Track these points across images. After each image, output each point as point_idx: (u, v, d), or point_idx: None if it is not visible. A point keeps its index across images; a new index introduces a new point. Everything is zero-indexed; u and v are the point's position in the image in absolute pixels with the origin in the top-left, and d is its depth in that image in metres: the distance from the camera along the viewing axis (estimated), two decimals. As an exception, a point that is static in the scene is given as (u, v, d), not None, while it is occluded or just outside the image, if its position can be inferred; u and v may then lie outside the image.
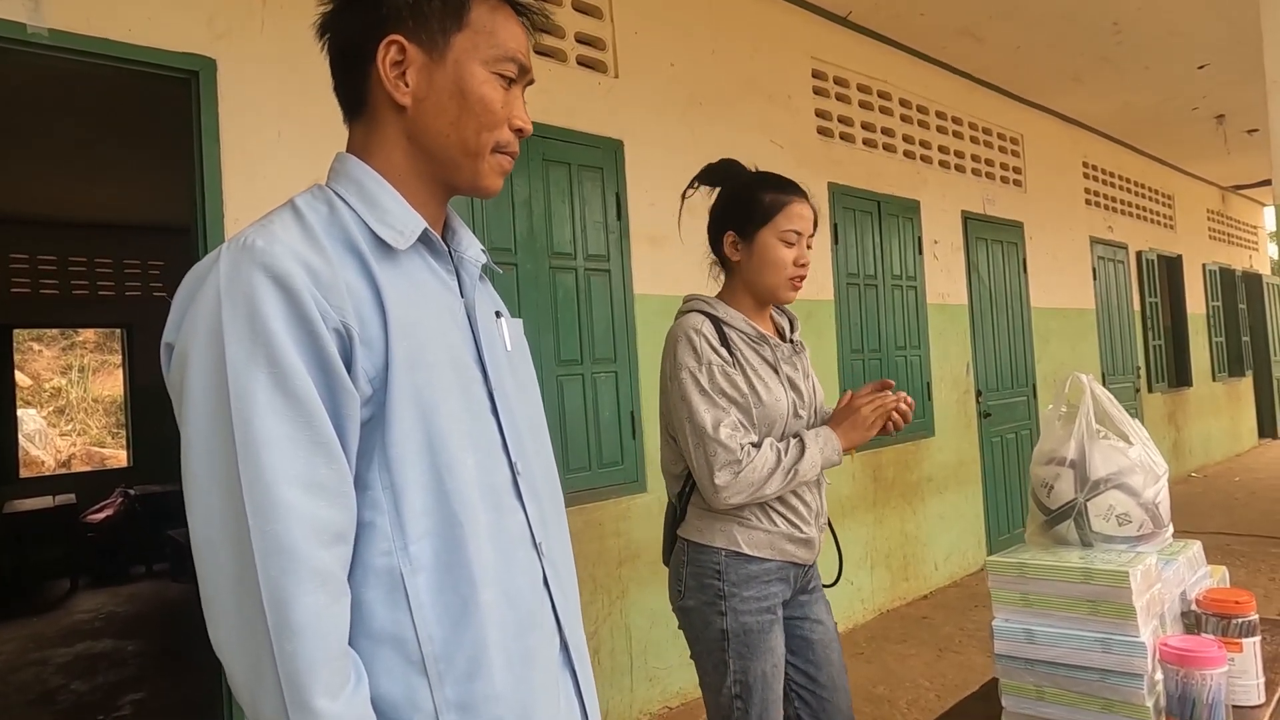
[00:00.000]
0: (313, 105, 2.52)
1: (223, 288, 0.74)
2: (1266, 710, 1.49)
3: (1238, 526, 5.99)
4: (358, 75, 0.89)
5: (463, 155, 0.90)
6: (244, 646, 0.71)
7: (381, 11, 0.86)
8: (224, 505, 0.72)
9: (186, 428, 0.75)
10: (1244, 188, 10.34)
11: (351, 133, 0.94)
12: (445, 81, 0.88)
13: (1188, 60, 5.63)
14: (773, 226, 1.69)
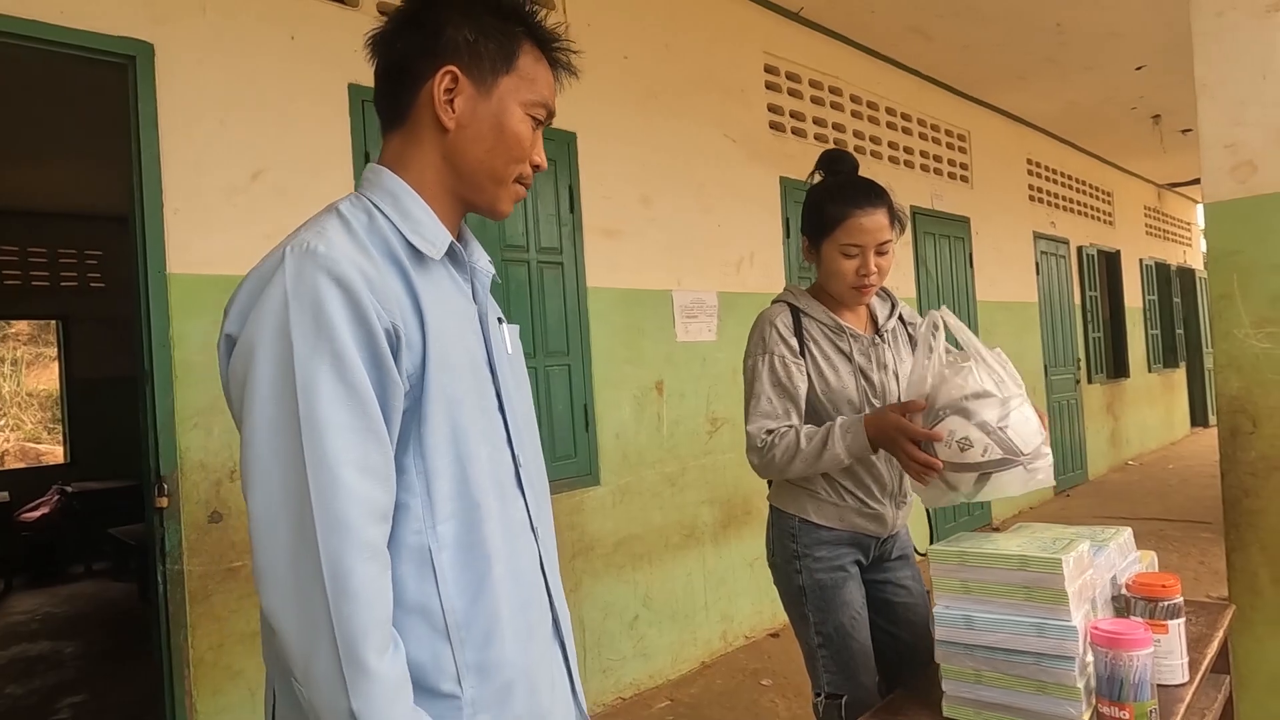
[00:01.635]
0: (258, 93, 2.46)
1: (290, 288, 0.82)
2: (1190, 689, 1.56)
3: (1171, 512, 6.23)
4: (407, 92, 0.98)
5: (490, 181, 1.01)
6: (301, 611, 0.78)
7: (442, 42, 0.96)
8: (286, 483, 0.80)
9: (252, 413, 0.81)
10: (1178, 185, 10.71)
11: (388, 141, 1.02)
12: (487, 114, 0.98)
13: (1127, 61, 5.81)
14: (833, 240, 1.75)
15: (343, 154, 2.64)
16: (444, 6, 0.98)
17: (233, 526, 2.34)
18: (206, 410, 2.31)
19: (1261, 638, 2.30)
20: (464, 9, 0.98)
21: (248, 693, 2.33)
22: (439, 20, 0.97)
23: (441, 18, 0.97)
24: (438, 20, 0.97)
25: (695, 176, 3.88)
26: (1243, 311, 2.34)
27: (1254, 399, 2.32)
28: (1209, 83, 2.38)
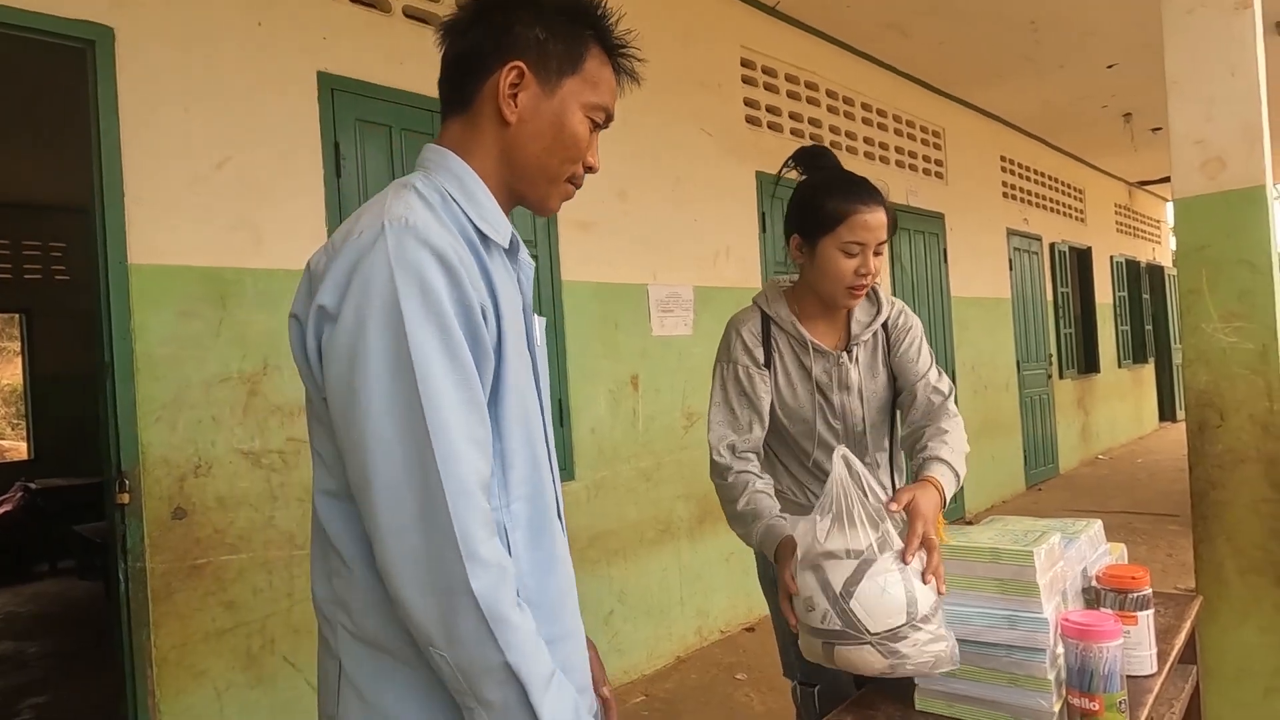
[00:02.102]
0: (223, 80, 2.41)
1: (394, 261, 0.82)
2: (1158, 679, 1.57)
3: (1139, 505, 6.33)
4: (473, 81, 0.99)
5: (543, 178, 1.02)
6: (437, 578, 0.80)
7: (513, 37, 0.98)
8: (409, 454, 0.80)
9: (366, 385, 0.81)
10: (1148, 183, 10.87)
11: (448, 126, 1.02)
12: (549, 112, 0.99)
13: (1099, 60, 5.86)
14: (834, 237, 1.62)
15: (311, 143, 2.59)
16: (517, 4, 1.00)
17: (196, 523, 2.29)
18: (170, 404, 2.25)
19: (1228, 628, 2.33)
20: (536, 8, 1.00)
21: (212, 692, 2.28)
22: (511, 16, 0.99)
23: (513, 14, 0.99)
24: (509, 16, 0.99)
25: (671, 170, 3.86)
26: (1211, 306, 2.36)
27: (1221, 393, 2.34)
28: (1179, 79, 2.40)
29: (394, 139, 2.80)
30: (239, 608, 2.35)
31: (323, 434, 0.90)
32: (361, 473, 0.82)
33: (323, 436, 0.90)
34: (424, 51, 2.91)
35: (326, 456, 0.90)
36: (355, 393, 0.82)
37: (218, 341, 2.36)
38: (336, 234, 0.91)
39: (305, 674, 2.47)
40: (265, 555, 2.41)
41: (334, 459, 0.88)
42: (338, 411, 0.84)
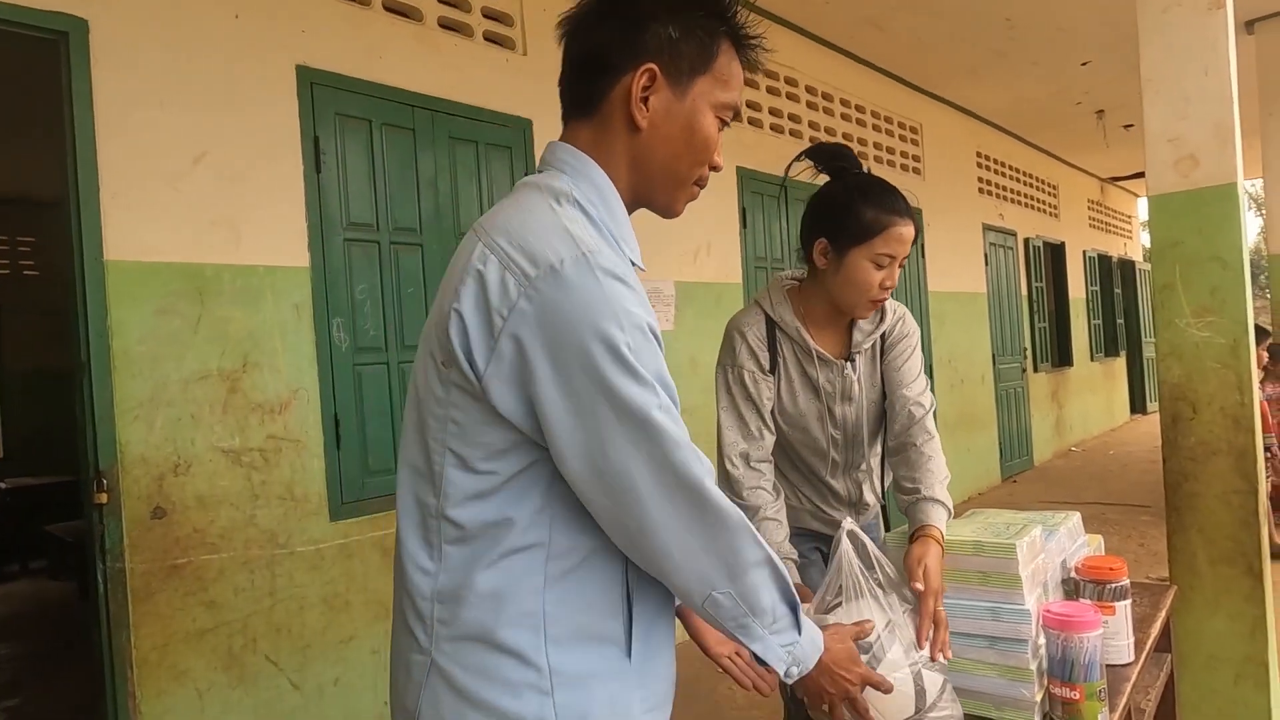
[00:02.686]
0: (200, 73, 2.37)
1: (606, 294, 0.83)
2: (1135, 668, 1.60)
3: (1111, 496, 6.43)
4: (600, 83, 0.95)
5: (672, 183, 1.00)
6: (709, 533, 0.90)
7: (644, 37, 0.93)
8: (651, 454, 0.86)
9: (600, 417, 0.84)
10: (1120, 179, 11.03)
11: (575, 128, 0.99)
12: (680, 115, 0.96)
13: (1072, 57, 5.93)
14: (868, 247, 1.56)
15: (290, 138, 2.56)
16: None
17: (176, 522, 2.26)
18: (148, 402, 2.23)
19: (1201, 617, 2.38)
20: (668, 3, 0.95)
21: (193, 693, 2.26)
22: (642, 13, 0.94)
23: (645, 10, 0.94)
24: (641, 12, 0.94)
25: (652, 165, 3.86)
26: (1184, 301, 2.41)
27: (1194, 386, 2.39)
28: (1154, 78, 2.43)
29: (374, 134, 2.78)
30: (220, 607, 2.33)
31: (466, 438, 0.88)
32: (621, 489, 0.85)
33: (466, 441, 0.88)
34: (404, 45, 2.89)
35: (474, 461, 0.88)
36: (600, 430, 0.84)
37: (196, 338, 2.33)
38: (508, 242, 0.86)
39: (287, 673, 2.45)
40: (246, 554, 2.39)
41: (486, 463, 0.87)
42: (577, 445, 0.84)
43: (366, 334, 2.73)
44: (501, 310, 0.83)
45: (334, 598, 2.58)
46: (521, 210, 0.90)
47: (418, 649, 0.91)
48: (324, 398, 2.60)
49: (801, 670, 1.00)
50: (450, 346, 0.86)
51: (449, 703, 0.88)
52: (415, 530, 0.92)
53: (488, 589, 0.88)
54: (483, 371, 0.84)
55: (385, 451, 2.76)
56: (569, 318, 0.82)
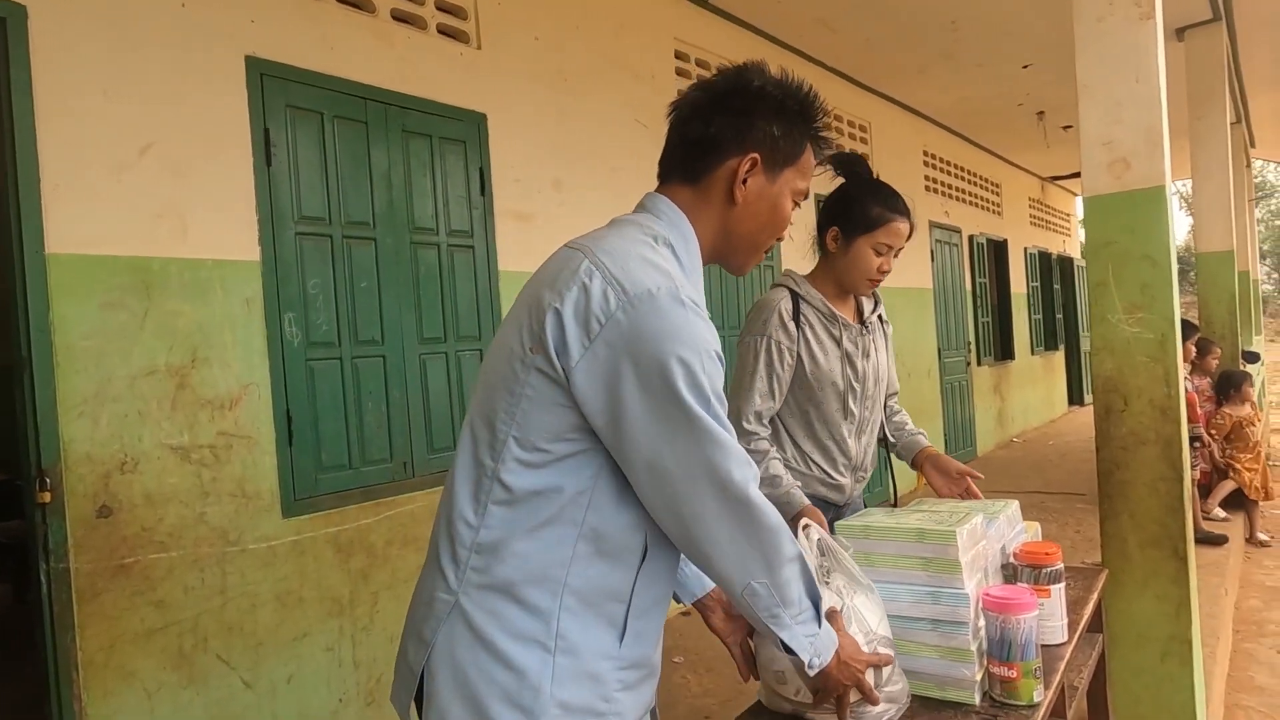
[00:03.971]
0: (146, 63, 2.32)
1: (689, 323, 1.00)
2: (1069, 648, 1.69)
3: (1050, 485, 6.66)
4: (710, 161, 1.15)
5: (750, 249, 1.21)
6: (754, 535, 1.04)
7: (753, 132, 1.14)
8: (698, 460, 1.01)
9: (668, 420, 0.98)
10: (1059, 179, 11.38)
11: (676, 189, 1.17)
12: (770, 197, 1.17)
13: (1015, 60, 6.11)
14: (871, 236, 1.91)
15: (240, 129, 2.52)
16: (758, 97, 1.14)
17: (123, 521, 2.22)
18: (93, 399, 2.18)
19: (1130, 599, 2.50)
20: (776, 106, 1.15)
21: (142, 694, 2.23)
22: (753, 110, 1.13)
23: (755, 108, 1.14)
24: (752, 109, 1.13)
25: (607, 160, 3.88)
26: (1116, 298, 2.52)
27: (1125, 379, 2.50)
28: (1089, 84, 2.54)
29: (326, 126, 2.75)
30: (169, 607, 2.29)
31: (534, 416, 1.01)
32: (681, 486, 1.00)
33: (533, 418, 1.01)
34: (356, 37, 2.86)
35: (536, 437, 1.02)
36: (674, 434, 0.99)
37: (143, 333, 2.28)
38: (613, 264, 1.01)
39: (239, 672, 2.43)
40: (196, 552, 2.36)
41: (546, 441, 1.01)
42: (649, 443, 0.99)
43: (319, 329, 2.70)
44: (600, 317, 0.98)
45: (287, 595, 2.56)
46: (625, 241, 1.07)
47: (445, 589, 1.05)
48: (276, 393, 2.57)
49: (822, 662, 1.13)
50: (543, 336, 1.00)
51: (464, 640, 1.02)
52: (468, 486, 1.06)
53: (522, 551, 1.02)
54: (572, 365, 0.99)
55: (338, 447, 2.74)
56: (657, 335, 0.98)
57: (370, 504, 2.81)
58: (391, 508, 2.88)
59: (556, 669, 1.00)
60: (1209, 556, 4.39)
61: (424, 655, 1.05)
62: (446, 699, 1.02)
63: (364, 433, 2.82)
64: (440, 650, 1.03)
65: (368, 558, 2.79)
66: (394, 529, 2.88)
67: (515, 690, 1.00)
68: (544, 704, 0.99)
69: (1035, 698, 1.42)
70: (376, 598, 2.80)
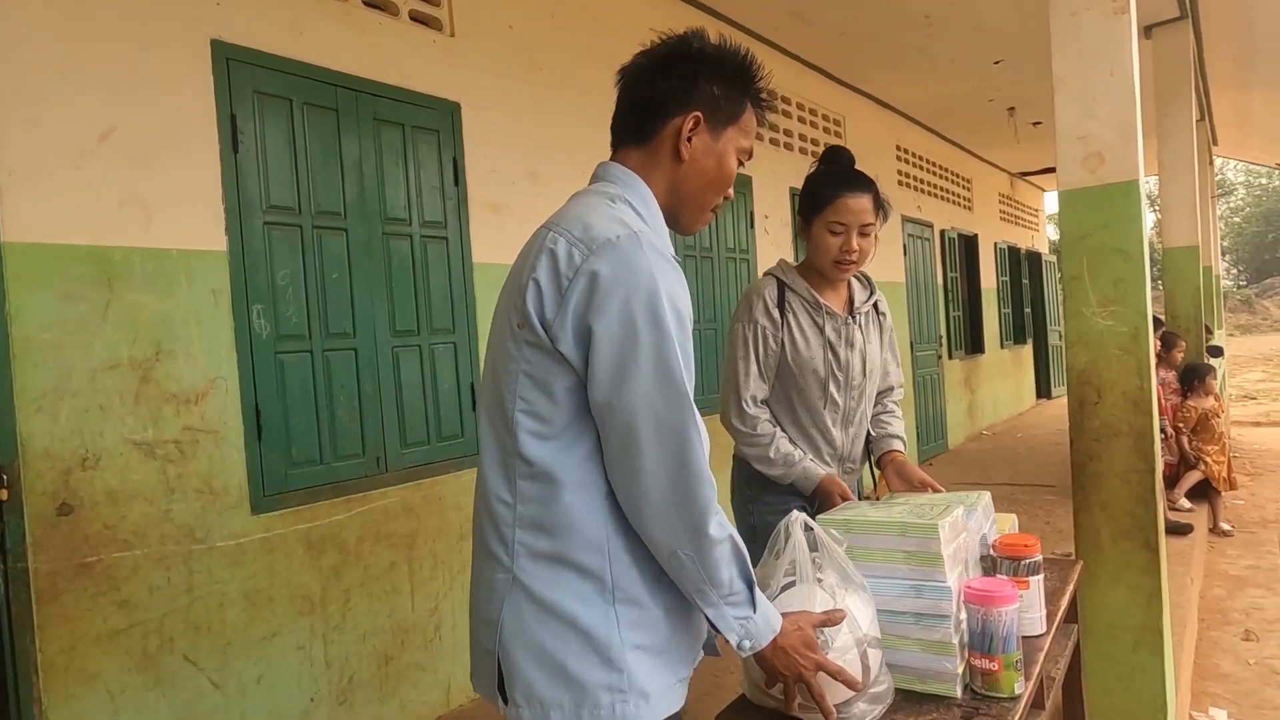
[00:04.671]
0: (105, 45, 2.24)
1: (652, 264, 1.06)
2: (1047, 639, 1.70)
3: (1020, 477, 6.75)
4: (654, 121, 1.22)
5: (696, 206, 1.27)
6: (686, 501, 1.07)
7: (696, 92, 1.20)
8: (672, 415, 1.06)
9: (638, 363, 1.03)
10: (1029, 174, 11.52)
11: (626, 153, 1.24)
12: (713, 154, 1.23)
13: (987, 56, 6.16)
14: (821, 218, 1.95)
15: (206, 115, 2.45)
16: (700, 61, 1.21)
17: (85, 519, 2.15)
18: (52, 393, 2.10)
19: (1103, 590, 2.53)
20: (716, 67, 1.22)
21: (105, 696, 2.16)
22: (696, 72, 1.21)
23: (698, 70, 1.21)
24: (695, 72, 1.21)
25: (582, 152, 3.84)
26: (1090, 291, 2.54)
27: (1099, 372, 2.53)
28: (1064, 78, 2.55)
29: (295, 113, 2.68)
30: (133, 606, 2.23)
31: (533, 388, 1.09)
32: (629, 426, 1.04)
33: (533, 390, 1.09)
34: (326, 22, 2.79)
35: (540, 407, 1.09)
36: (625, 364, 1.03)
37: (105, 325, 2.21)
38: (573, 227, 1.09)
39: (207, 672, 2.37)
40: (161, 550, 2.29)
41: (549, 410, 1.08)
42: (608, 376, 1.03)
43: (289, 321, 2.64)
44: (568, 273, 1.05)
45: (256, 593, 2.50)
46: (583, 206, 1.15)
47: (501, 568, 1.11)
48: (244, 387, 2.51)
49: (754, 645, 1.16)
50: (525, 309, 1.07)
51: (529, 610, 1.08)
52: (497, 468, 1.13)
53: (561, 518, 1.08)
54: (551, 323, 1.05)
55: (309, 442, 2.68)
56: (621, 278, 1.04)
57: (342, 500, 2.76)
58: (364, 503, 2.83)
59: (620, 618, 1.08)
60: (1175, 546, 4.47)
61: (495, 636, 1.10)
62: (528, 671, 1.08)
63: (335, 427, 2.76)
64: (509, 627, 1.09)
65: (339, 554, 2.74)
66: (366, 525, 2.83)
67: (590, 647, 1.06)
68: (619, 652, 1.07)
69: (1016, 690, 1.42)
70: (348, 595, 2.75)
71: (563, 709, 1.06)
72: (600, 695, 1.05)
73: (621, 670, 1.06)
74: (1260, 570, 4.76)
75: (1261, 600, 4.27)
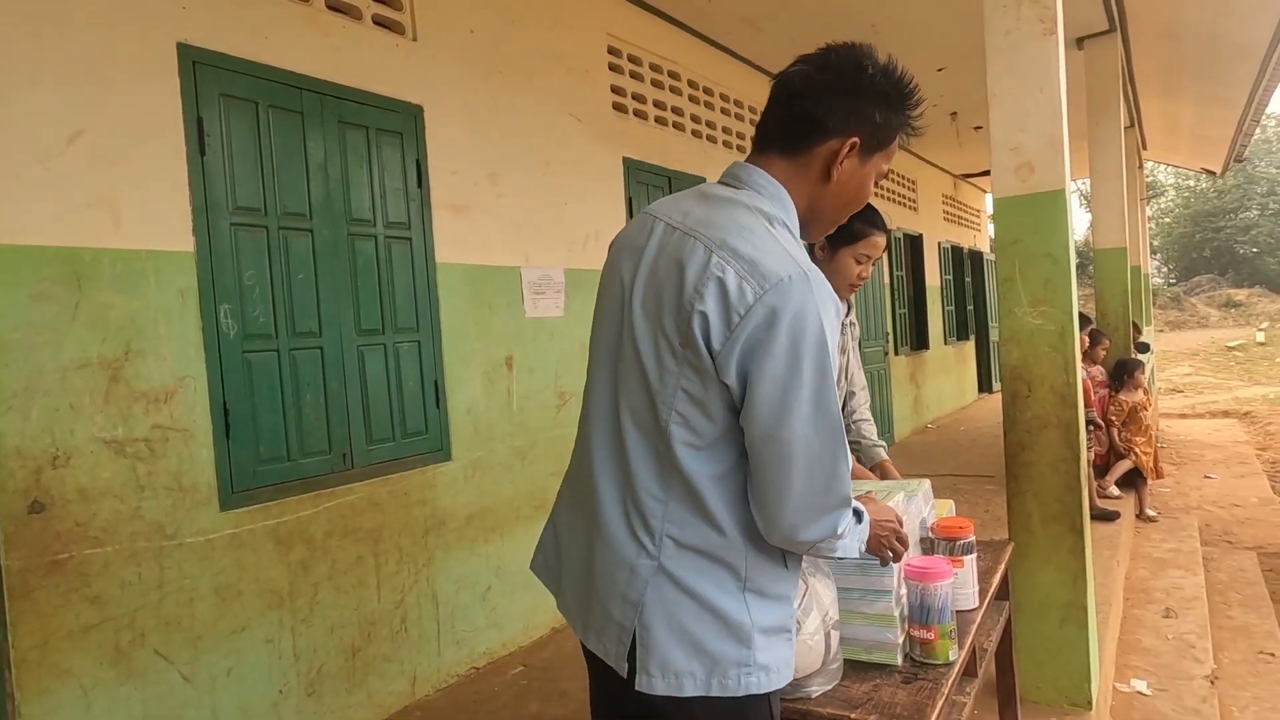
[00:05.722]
0: (72, 47, 2.27)
1: (819, 305, 1.11)
2: (979, 613, 1.85)
3: (962, 468, 7.03)
4: (811, 136, 1.22)
5: (829, 222, 1.32)
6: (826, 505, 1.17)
7: (858, 115, 1.21)
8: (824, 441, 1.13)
9: (799, 394, 1.10)
10: (970, 176, 11.90)
11: (773, 160, 1.25)
12: (858, 177, 1.26)
13: (931, 63, 6.39)
14: (853, 249, 2.14)
15: (172, 118, 2.48)
16: (869, 83, 1.21)
17: (56, 516, 2.18)
18: (22, 392, 2.13)
19: (1034, 569, 2.72)
20: (883, 94, 1.22)
21: (78, 691, 2.20)
22: (863, 94, 1.21)
23: (866, 92, 1.21)
24: (861, 94, 1.21)
25: (542, 154, 3.93)
26: (1022, 293, 2.72)
27: (1030, 368, 2.71)
28: (998, 93, 2.73)
29: (261, 116, 2.72)
30: (105, 602, 2.26)
31: (690, 404, 1.15)
32: (785, 456, 1.11)
33: (690, 405, 1.15)
34: (291, 26, 2.83)
35: (694, 421, 1.15)
36: (789, 401, 1.10)
37: (74, 325, 2.24)
38: (740, 255, 1.12)
39: (178, 666, 2.41)
40: (133, 547, 2.33)
41: (703, 425, 1.15)
42: (770, 412, 1.10)
43: (256, 320, 2.68)
44: (739, 309, 1.10)
45: (225, 588, 2.55)
46: (744, 229, 1.16)
47: (645, 555, 1.19)
48: (212, 386, 2.55)
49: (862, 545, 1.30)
50: (691, 333, 1.12)
51: (673, 595, 1.18)
52: (650, 466, 1.19)
53: (707, 520, 1.17)
54: (718, 351, 1.11)
55: (276, 439, 2.73)
56: (790, 320, 1.09)
57: (309, 495, 2.81)
58: (331, 499, 2.88)
59: (751, 605, 1.18)
60: (1103, 531, 4.75)
61: (633, 613, 1.19)
62: (667, 646, 1.17)
63: (302, 424, 2.81)
64: (651, 606, 1.18)
65: (307, 549, 2.79)
66: (333, 520, 2.88)
67: (726, 629, 1.17)
68: (749, 633, 1.17)
69: (951, 657, 1.57)
70: (316, 589, 2.81)
71: (695, 678, 1.17)
72: (730, 669, 1.17)
73: (751, 648, 1.17)
74: (1181, 553, 5.08)
75: (1181, 580, 4.56)
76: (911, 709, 1.43)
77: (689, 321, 1.12)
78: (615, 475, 1.23)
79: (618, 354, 1.24)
